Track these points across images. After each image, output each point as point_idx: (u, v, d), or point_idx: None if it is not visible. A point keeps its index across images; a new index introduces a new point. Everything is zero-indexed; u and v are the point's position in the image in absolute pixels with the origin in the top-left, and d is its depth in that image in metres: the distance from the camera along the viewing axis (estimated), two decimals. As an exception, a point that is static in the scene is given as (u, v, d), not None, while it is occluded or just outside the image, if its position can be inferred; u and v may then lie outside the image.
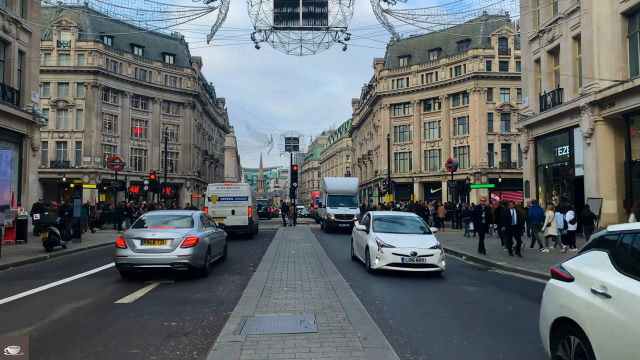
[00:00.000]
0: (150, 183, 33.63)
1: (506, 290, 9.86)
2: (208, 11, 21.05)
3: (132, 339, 6.01)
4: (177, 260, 10.20)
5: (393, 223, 13.25)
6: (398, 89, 56.20)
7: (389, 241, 11.46)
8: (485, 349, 5.73)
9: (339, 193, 28.53)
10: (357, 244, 13.42)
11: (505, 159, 47.51)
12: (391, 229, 12.59)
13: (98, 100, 47.61)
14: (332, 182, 31.94)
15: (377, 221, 12.96)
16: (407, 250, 11.11)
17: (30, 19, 23.25)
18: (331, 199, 27.95)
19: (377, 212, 15.65)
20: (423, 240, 11.70)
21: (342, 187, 29.99)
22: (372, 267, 11.34)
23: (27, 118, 23.07)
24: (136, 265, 10.31)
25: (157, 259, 10.24)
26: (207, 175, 67.25)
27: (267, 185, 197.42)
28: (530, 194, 25.34)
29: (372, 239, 11.75)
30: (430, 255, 11.09)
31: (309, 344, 5.24)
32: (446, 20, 36.31)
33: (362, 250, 12.54)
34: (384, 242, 11.45)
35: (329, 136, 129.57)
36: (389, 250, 11.19)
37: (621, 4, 18.38)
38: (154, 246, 10.27)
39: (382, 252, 11.25)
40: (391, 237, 11.71)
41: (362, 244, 12.47)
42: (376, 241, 11.54)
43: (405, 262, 10.98)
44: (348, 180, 40.34)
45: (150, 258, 10.21)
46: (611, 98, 18.39)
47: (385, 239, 11.55)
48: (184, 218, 11.85)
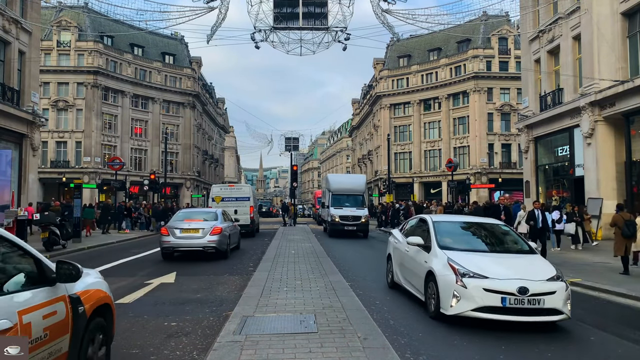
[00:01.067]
0: (150, 183, 33.63)
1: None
2: (208, 11, 21.04)
3: (132, 339, 6.01)
4: (207, 245, 13.59)
5: (470, 234, 8.54)
6: (398, 89, 56.20)
7: (475, 267, 6.75)
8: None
9: (345, 192, 25.22)
10: (402, 265, 8.82)
11: (505, 159, 47.51)
12: (470, 245, 7.92)
13: (98, 100, 47.60)
14: (336, 180, 28.06)
15: (444, 231, 8.14)
16: (509, 284, 6.41)
17: (30, 19, 23.25)
18: (335, 198, 24.72)
19: (437, 216, 9.91)
20: (530, 266, 7.09)
21: (348, 185, 26.43)
22: (446, 312, 6.67)
23: (27, 118, 23.07)
24: (177, 248, 13.71)
25: (192, 243, 13.64)
26: (207, 175, 67.24)
27: (267, 185, 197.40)
28: (530, 194, 25.35)
29: (440, 261, 7.12)
30: (550, 294, 6.43)
31: (309, 344, 5.24)
32: (446, 20, 36.39)
33: (415, 276, 7.98)
34: (467, 268, 6.73)
35: (329, 136, 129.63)
36: (478, 283, 6.49)
37: (621, 4, 18.38)
38: (189, 234, 13.73)
39: (464, 285, 6.53)
40: (475, 260, 7.00)
41: (417, 266, 7.90)
42: (449, 265, 6.87)
43: (510, 306, 6.32)
44: (354, 177, 36.46)
45: (188, 242, 13.65)
46: (611, 98, 18.39)
47: (466, 263, 6.85)
48: (210, 213, 15.35)
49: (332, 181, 26.81)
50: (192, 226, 13.93)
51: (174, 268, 12.08)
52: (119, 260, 13.90)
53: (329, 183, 26.51)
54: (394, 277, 9.36)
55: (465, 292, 6.47)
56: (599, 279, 10.18)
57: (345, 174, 66.42)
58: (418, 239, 8.01)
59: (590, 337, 6.44)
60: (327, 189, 26.98)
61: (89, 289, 4.21)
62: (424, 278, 7.42)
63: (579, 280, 10.11)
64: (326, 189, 27.44)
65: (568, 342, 6.20)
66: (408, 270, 8.48)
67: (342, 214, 23.33)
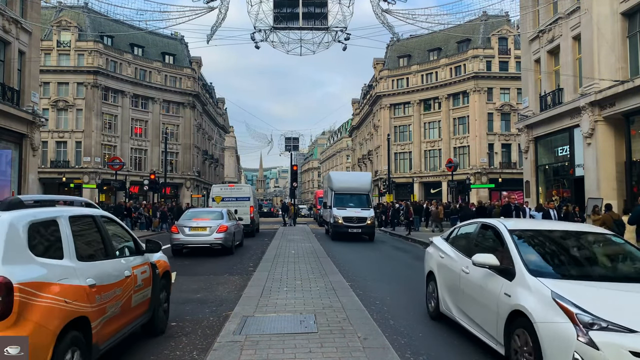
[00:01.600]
0: (150, 183, 33.63)
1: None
2: (208, 11, 21.03)
3: (131, 339, 6.00)
4: (214, 242, 14.74)
5: (571, 250, 5.75)
6: (398, 89, 56.21)
7: (606, 309, 4.09)
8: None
9: (348, 191, 23.35)
10: (457, 291, 6.22)
11: (505, 159, 47.52)
12: (578, 269, 5.31)
13: (98, 100, 47.61)
14: (339, 178, 25.73)
15: (530, 245, 5.59)
16: None
17: (30, 19, 23.24)
18: (338, 198, 22.84)
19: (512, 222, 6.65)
20: None
21: (352, 184, 24.32)
22: None
23: (27, 118, 23.05)
24: (186, 244, 14.94)
25: (200, 240, 14.83)
26: (207, 175, 67.25)
27: (267, 185, 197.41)
28: (530, 194, 25.35)
29: (538, 296, 4.48)
30: None
31: (309, 344, 5.24)
32: (446, 20, 36.48)
33: (483, 312, 5.41)
34: (594, 312, 4.03)
35: (329, 136, 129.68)
36: (618, 340, 3.82)
37: (621, 4, 18.38)
38: (198, 232, 14.89)
39: (593, 344, 3.85)
40: (600, 296, 4.39)
41: (487, 298, 5.31)
42: (558, 304, 4.21)
43: None
44: (359, 175, 33.14)
45: (196, 240, 14.83)
46: (611, 98, 18.39)
47: (589, 302, 4.17)
48: (216, 213, 16.42)
49: (335, 179, 24.45)
50: (200, 224, 15.09)
51: (174, 268, 11.99)
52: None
53: (332, 181, 24.24)
54: (439, 304, 6.81)
55: (597, 356, 3.79)
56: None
57: (349, 172, 61.18)
58: (491, 259, 5.29)
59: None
60: (329, 187, 24.75)
61: (160, 259, 6.39)
62: (504, 320, 4.84)
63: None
64: (328, 188, 25.20)
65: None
66: (468, 300, 5.91)
67: (346, 215, 21.45)
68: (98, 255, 4.80)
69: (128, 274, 5.13)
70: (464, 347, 5.82)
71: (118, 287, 4.85)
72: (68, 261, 4.13)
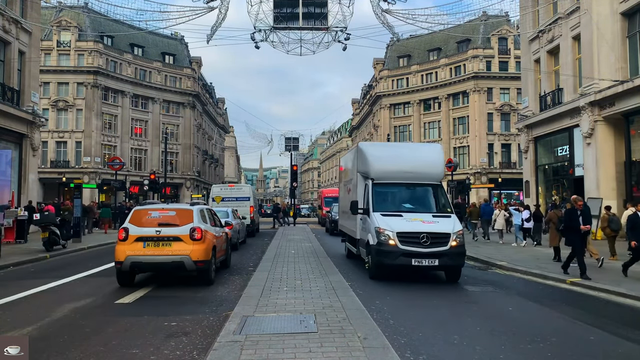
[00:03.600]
0: (150, 183, 33.65)
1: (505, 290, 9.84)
2: (208, 11, 21.02)
3: (132, 339, 6.01)
4: None
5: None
6: (398, 89, 56.21)
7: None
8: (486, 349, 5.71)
9: (403, 179, 11.88)
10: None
11: (505, 159, 47.52)
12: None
13: (98, 100, 47.59)
14: (382, 154, 12.65)
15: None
16: None
17: (30, 19, 23.25)
18: (381, 193, 11.70)
19: None
20: None
21: (410, 165, 12.04)
22: None
23: (27, 118, 23.06)
24: None
25: None
26: (207, 175, 67.24)
27: (267, 185, 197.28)
28: (530, 193, 25.36)
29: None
30: None
31: (309, 343, 5.25)
32: (446, 20, 36.46)
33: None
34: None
35: (328, 136, 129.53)
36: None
37: (621, 4, 18.39)
38: None
39: None
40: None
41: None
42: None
43: None
44: (419, 148, 17.20)
45: None
46: (611, 98, 18.40)
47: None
48: (222, 212, 17.41)
49: (373, 157, 12.18)
50: None
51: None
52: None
53: (367, 161, 12.11)
54: None
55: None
56: (597, 279, 10.17)
57: (397, 143, 41.90)
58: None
59: (590, 336, 6.44)
60: (359, 173, 12.60)
61: (226, 230, 12.61)
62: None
63: (578, 280, 10.12)
64: (357, 175, 12.78)
65: (568, 341, 6.19)
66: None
67: (405, 231, 10.22)
68: (216, 224, 11.37)
69: (222, 233, 11.57)
70: (464, 345, 5.82)
71: (220, 238, 11.16)
72: (209, 225, 10.52)
